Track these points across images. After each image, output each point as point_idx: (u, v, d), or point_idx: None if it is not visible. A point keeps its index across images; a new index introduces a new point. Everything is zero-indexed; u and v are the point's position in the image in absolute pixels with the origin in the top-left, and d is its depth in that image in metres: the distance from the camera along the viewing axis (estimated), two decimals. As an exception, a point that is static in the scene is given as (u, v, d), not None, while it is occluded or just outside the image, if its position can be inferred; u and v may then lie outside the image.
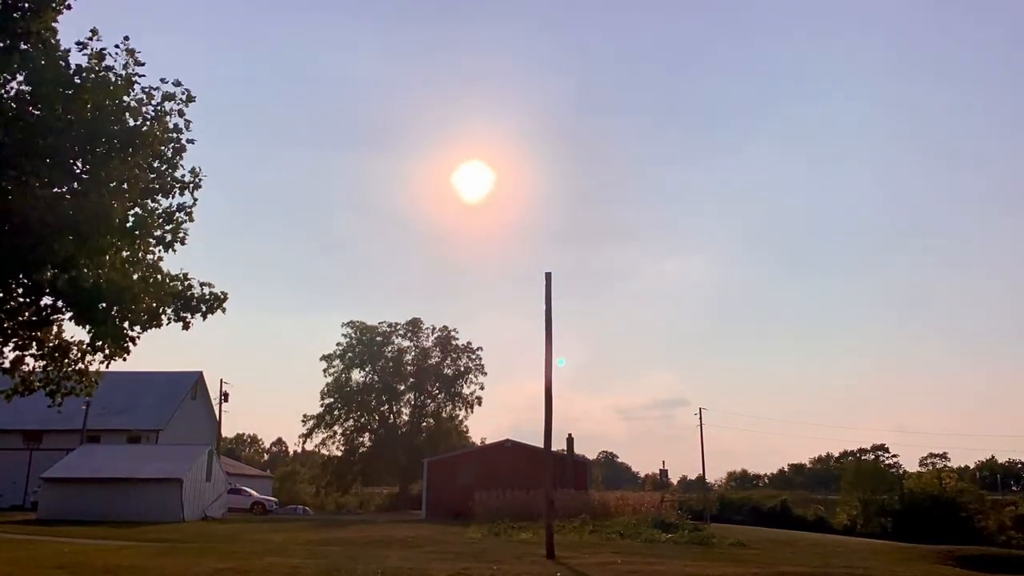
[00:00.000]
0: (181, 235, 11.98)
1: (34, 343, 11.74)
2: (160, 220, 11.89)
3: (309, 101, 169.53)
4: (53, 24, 10.66)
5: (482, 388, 72.88)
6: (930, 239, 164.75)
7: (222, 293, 12.45)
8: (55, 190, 10.36)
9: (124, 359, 12.21)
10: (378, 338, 72.77)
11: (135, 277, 11.47)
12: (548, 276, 23.36)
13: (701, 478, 75.91)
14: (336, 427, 71.62)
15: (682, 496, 63.86)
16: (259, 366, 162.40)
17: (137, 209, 11.55)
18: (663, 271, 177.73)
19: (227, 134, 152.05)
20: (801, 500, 69.56)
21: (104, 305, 11.30)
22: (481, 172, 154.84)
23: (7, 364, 11.75)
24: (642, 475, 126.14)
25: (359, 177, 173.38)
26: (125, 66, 11.01)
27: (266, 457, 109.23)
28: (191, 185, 12.03)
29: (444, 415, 73.13)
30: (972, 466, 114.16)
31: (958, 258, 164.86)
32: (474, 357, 73.33)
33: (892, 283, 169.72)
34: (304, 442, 73.71)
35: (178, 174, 11.93)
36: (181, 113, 11.62)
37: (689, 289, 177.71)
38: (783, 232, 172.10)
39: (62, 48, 10.76)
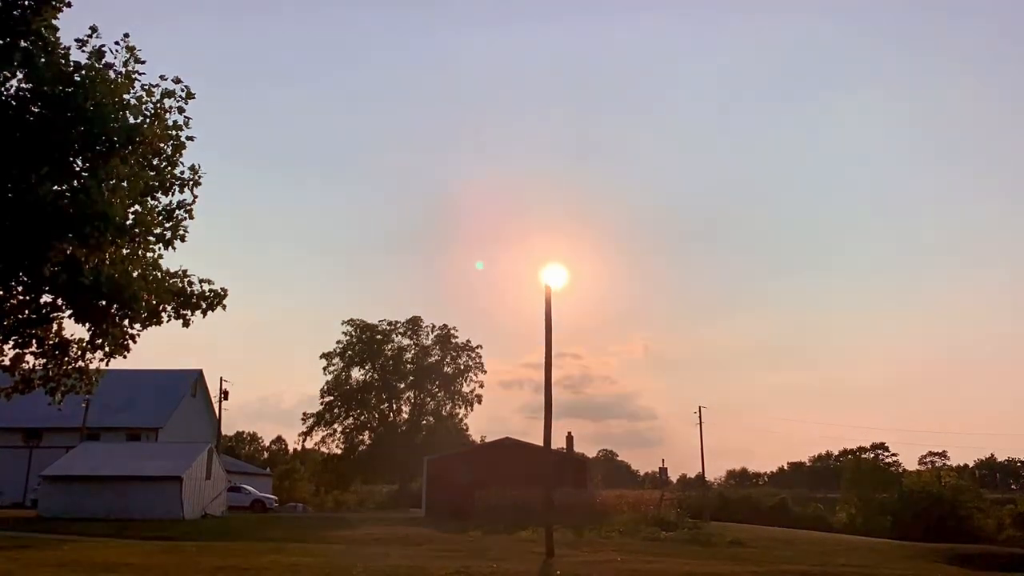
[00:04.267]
0: (181, 232, 11.99)
1: (34, 341, 11.74)
2: (160, 217, 11.91)
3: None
4: (53, 22, 10.66)
5: (481, 386, 73.15)
6: (930, 237, 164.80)
7: (222, 290, 12.48)
8: (55, 188, 10.36)
9: (124, 357, 12.24)
10: (378, 336, 72.83)
11: (135, 275, 11.47)
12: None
13: (701, 476, 76.08)
14: (336, 425, 71.73)
15: (681, 494, 63.80)
16: (259, 364, 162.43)
17: (137, 207, 11.55)
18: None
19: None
20: (800, 498, 69.65)
21: (104, 303, 11.31)
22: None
23: (7, 362, 11.75)
24: (641, 473, 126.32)
25: (359, 183, 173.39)
26: (125, 63, 11.02)
27: (266, 455, 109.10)
28: (191, 182, 12.04)
29: (444, 413, 73.23)
30: (971, 464, 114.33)
31: (958, 254, 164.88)
32: (474, 355, 73.54)
33: (891, 281, 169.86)
34: (304, 440, 73.84)
35: (178, 171, 11.94)
36: (181, 110, 11.64)
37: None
38: (781, 230, 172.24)
39: (62, 46, 10.76)
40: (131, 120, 11.00)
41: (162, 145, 11.57)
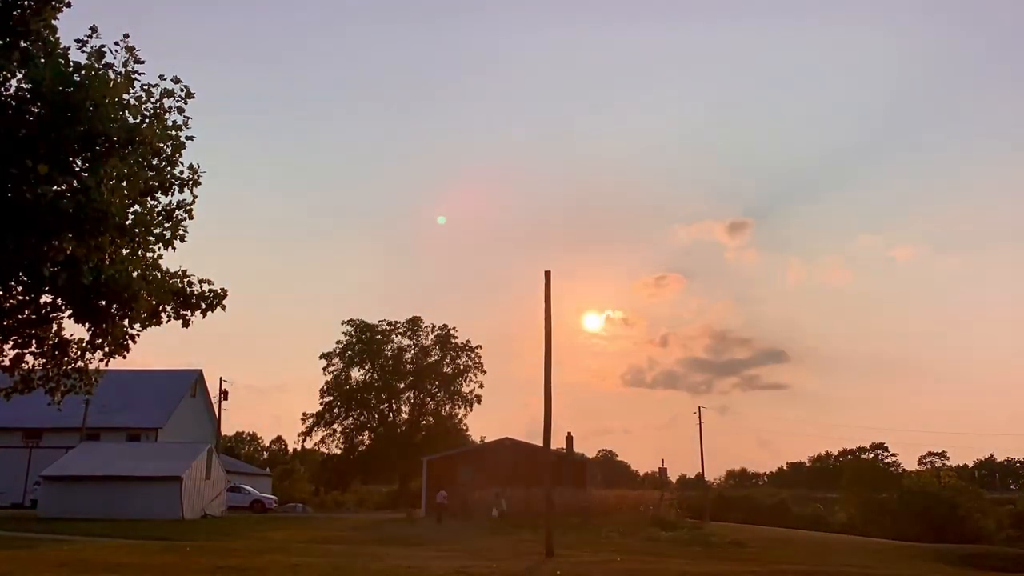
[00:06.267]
0: (181, 232, 11.98)
1: (33, 341, 11.73)
2: (160, 217, 11.91)
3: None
4: (53, 22, 10.66)
5: (481, 387, 73.22)
6: (928, 236, 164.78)
7: (222, 290, 12.45)
8: (55, 188, 10.36)
9: (124, 357, 12.22)
10: (378, 336, 72.89)
11: (135, 275, 11.47)
12: (547, 275, 23.40)
13: (700, 476, 76.08)
14: (336, 425, 71.82)
15: (681, 495, 63.85)
16: (259, 364, 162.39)
17: (137, 207, 11.55)
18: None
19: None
20: (800, 499, 69.67)
21: (104, 303, 11.31)
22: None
23: (7, 362, 11.74)
24: (641, 473, 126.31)
25: (356, 186, 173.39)
26: (125, 63, 11.02)
27: (265, 455, 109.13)
28: (190, 182, 12.05)
29: (443, 413, 73.29)
30: (971, 464, 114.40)
31: (958, 251, 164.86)
32: (473, 355, 73.59)
33: (890, 280, 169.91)
34: (304, 440, 73.93)
35: (177, 171, 11.95)
36: (180, 110, 11.64)
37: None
38: (778, 225, 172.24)
39: (62, 46, 10.77)
40: (131, 120, 11.00)
41: (162, 145, 11.57)
